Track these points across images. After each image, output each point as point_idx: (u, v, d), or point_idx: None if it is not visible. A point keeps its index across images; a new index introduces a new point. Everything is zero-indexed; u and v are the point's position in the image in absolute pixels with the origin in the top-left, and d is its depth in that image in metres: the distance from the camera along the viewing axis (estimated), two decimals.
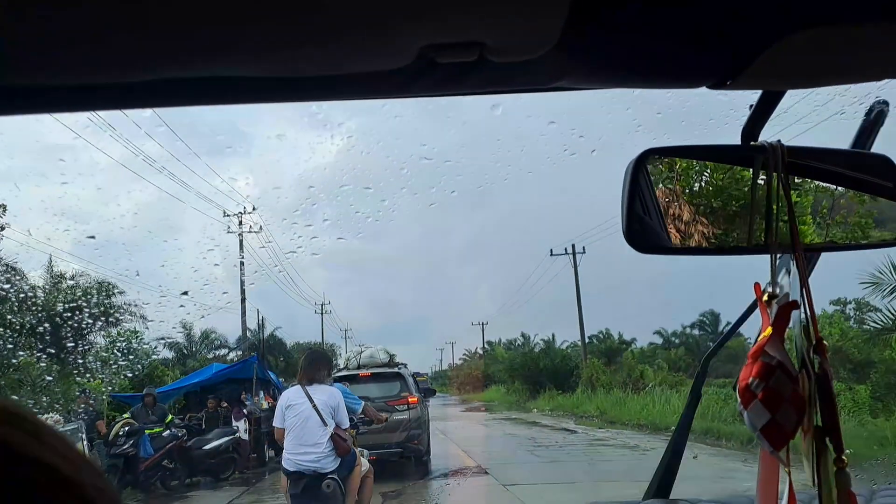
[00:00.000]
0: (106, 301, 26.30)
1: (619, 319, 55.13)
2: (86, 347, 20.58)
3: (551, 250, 38.77)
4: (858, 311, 42.63)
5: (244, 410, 15.68)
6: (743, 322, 1.56)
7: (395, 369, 13.49)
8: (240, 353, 40.17)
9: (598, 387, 33.04)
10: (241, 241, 33.06)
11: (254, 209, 34.99)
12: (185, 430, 13.76)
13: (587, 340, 48.48)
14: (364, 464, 6.35)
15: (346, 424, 5.99)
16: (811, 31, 0.75)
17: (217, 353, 38.85)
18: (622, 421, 23.61)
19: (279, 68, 0.78)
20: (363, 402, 6.97)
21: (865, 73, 0.89)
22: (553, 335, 47.51)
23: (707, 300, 41.93)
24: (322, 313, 58.28)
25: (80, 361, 19.99)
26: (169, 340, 34.66)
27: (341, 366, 14.52)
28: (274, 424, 6.08)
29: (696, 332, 49.40)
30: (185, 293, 27.72)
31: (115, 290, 26.19)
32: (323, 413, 5.84)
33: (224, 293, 30.57)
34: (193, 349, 38.45)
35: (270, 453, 18.60)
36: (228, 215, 33.61)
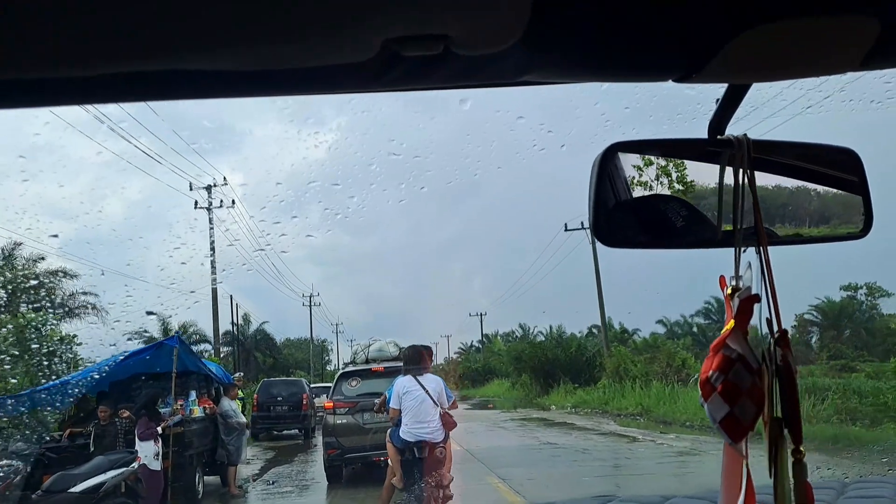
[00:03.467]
0: (70, 300, 24.64)
1: (617, 310, 52.41)
2: None
3: (566, 225, 33.23)
4: (870, 296, 40.20)
5: (157, 425, 8.51)
6: None
7: None
8: (227, 349, 34.46)
9: (626, 379, 28.18)
10: (209, 217, 30.18)
11: (225, 182, 31.55)
12: (19, 464, 6.68)
13: (587, 332, 41.66)
14: None
15: (447, 405, 7.75)
16: (774, 24, 0.79)
17: (197, 348, 34.68)
18: (679, 421, 17.44)
19: (240, 63, 0.78)
20: (454, 396, 8.27)
21: (829, 65, 0.91)
22: (551, 326, 46.10)
23: (707, 288, 39.39)
24: (311, 305, 53.47)
25: None
26: (142, 336, 31.43)
27: (347, 360, 14.02)
28: (391, 406, 7.79)
29: (700, 320, 46.35)
30: (152, 313, 26.42)
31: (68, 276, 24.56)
32: (434, 397, 7.60)
33: (192, 292, 28.61)
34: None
35: (213, 480, 11.30)
36: (197, 188, 30.73)
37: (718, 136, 1.01)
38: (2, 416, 9.38)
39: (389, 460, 8.21)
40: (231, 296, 31.47)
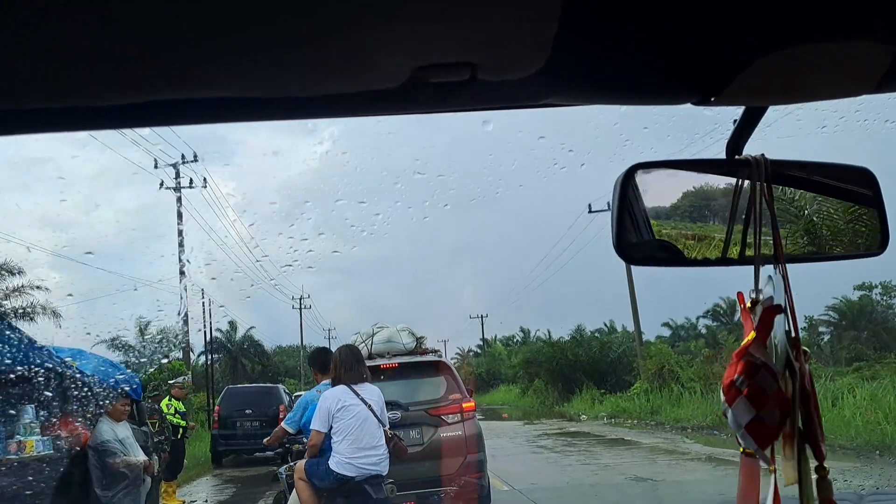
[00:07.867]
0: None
1: (620, 313, 53.52)
2: None
3: (590, 206, 32.64)
4: (886, 295, 36.74)
5: None
6: None
7: (432, 357, 8.81)
8: (215, 356, 29.39)
9: (672, 383, 22.95)
10: (178, 198, 25.72)
11: (195, 158, 26.63)
12: None
13: (590, 336, 36.37)
14: None
15: (388, 425, 5.84)
16: (789, 50, 0.82)
17: (177, 355, 30.91)
18: None
19: (274, 90, 0.81)
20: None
21: (843, 89, 0.94)
22: (549, 330, 44.00)
23: (710, 290, 37.70)
24: (301, 308, 48.54)
25: None
26: (116, 341, 27.75)
27: None
28: (314, 429, 5.35)
29: (709, 322, 42.20)
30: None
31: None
32: (378, 413, 5.45)
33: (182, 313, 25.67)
34: (148, 350, 30.29)
35: None
36: (162, 166, 25.77)
37: (736, 156, 1.03)
38: None
39: None
40: (202, 290, 25.43)
